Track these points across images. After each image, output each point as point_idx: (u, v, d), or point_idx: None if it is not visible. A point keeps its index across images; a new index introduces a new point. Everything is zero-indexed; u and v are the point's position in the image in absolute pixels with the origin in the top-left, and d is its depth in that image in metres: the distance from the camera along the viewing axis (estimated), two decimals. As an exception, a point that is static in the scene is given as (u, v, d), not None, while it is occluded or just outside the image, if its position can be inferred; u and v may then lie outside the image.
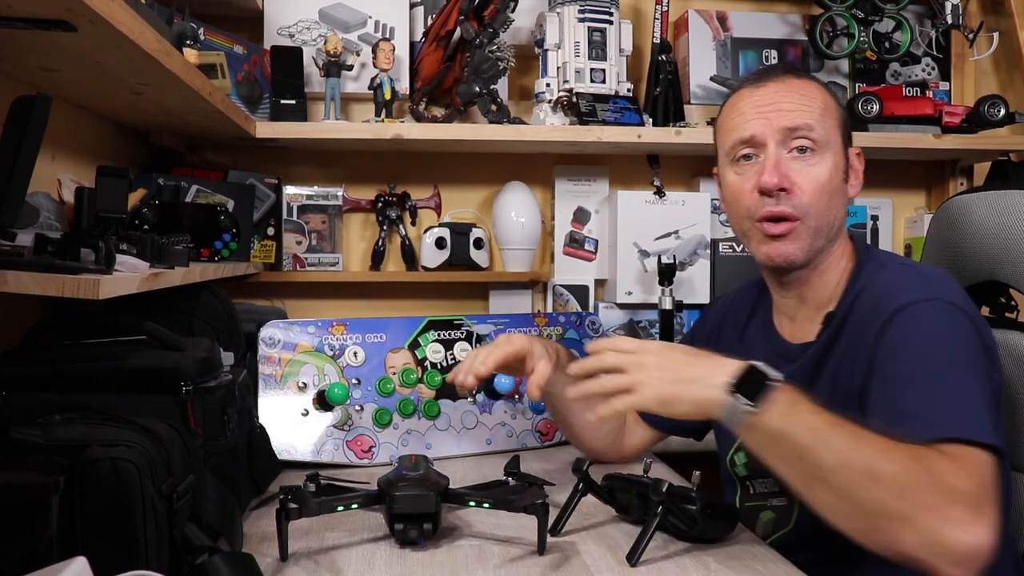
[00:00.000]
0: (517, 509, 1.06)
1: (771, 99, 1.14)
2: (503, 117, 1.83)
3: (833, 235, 1.15)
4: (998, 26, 2.09)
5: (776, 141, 1.12)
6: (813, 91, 1.15)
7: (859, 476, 0.87)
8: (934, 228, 1.38)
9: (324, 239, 1.95)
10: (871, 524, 0.88)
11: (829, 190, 1.12)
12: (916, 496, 0.85)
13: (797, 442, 0.91)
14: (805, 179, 1.11)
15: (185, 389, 1.01)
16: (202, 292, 1.39)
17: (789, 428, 0.92)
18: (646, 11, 2.07)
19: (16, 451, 0.80)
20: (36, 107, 0.87)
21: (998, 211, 1.25)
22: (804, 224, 1.12)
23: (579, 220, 2.04)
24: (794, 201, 1.11)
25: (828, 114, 1.14)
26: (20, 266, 0.85)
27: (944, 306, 1.02)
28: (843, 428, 0.90)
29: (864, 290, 1.10)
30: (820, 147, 1.12)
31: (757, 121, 1.14)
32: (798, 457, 0.92)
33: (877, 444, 0.88)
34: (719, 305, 1.40)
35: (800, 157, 1.12)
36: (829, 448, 0.89)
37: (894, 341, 1.01)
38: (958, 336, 1.00)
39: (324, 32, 1.89)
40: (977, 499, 0.85)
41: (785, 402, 0.93)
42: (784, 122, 1.12)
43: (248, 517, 1.18)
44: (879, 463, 0.87)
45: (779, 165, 1.11)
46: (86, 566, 0.70)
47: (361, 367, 1.50)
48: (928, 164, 2.17)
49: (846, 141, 1.17)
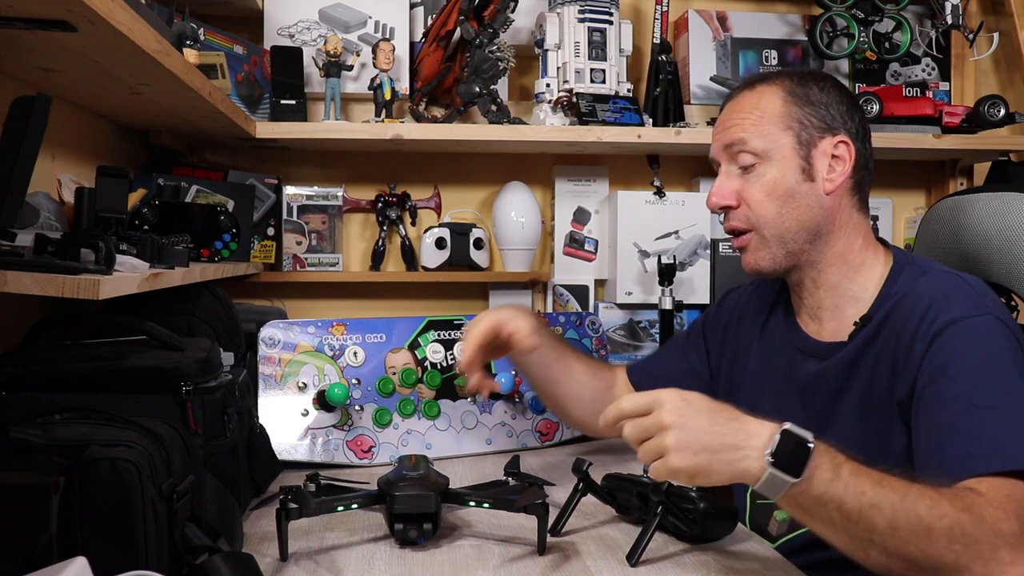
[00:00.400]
0: (517, 509, 1.06)
1: (725, 117, 1.19)
2: (503, 117, 1.83)
3: (809, 236, 1.14)
4: (998, 26, 2.09)
5: (726, 160, 1.18)
6: (757, 101, 1.16)
7: (912, 535, 0.85)
8: (925, 229, 1.38)
9: (324, 239, 1.95)
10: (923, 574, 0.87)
11: (779, 196, 1.13)
12: (966, 548, 0.85)
13: (845, 507, 0.87)
14: (749, 191, 1.15)
15: (185, 389, 1.01)
16: (202, 292, 1.39)
17: (836, 494, 0.87)
18: (646, 11, 2.07)
19: (16, 451, 0.80)
20: (36, 107, 0.87)
21: (992, 212, 1.25)
22: (759, 235, 1.15)
23: (579, 220, 2.04)
24: (740, 215, 1.16)
25: (766, 120, 1.14)
26: (20, 266, 0.85)
27: (995, 323, 1.01)
28: (889, 487, 0.87)
29: (905, 296, 1.08)
30: (761, 156, 1.14)
31: (714, 142, 1.21)
32: (847, 521, 0.87)
33: (925, 499, 0.87)
34: (734, 296, 1.39)
35: (747, 172, 1.15)
36: (879, 511, 0.86)
37: (944, 357, 1.00)
38: (1009, 356, 0.99)
39: (324, 32, 1.89)
40: (1019, 538, 0.86)
41: (827, 466, 0.88)
42: (724, 140, 1.18)
43: (248, 517, 1.18)
44: (930, 519, 0.85)
45: (722, 186, 1.17)
46: (86, 566, 0.70)
47: (361, 367, 1.50)
48: (928, 164, 2.17)
49: (806, 138, 1.13)
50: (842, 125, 1.14)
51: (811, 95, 1.15)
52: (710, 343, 1.37)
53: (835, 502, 0.87)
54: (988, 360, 0.98)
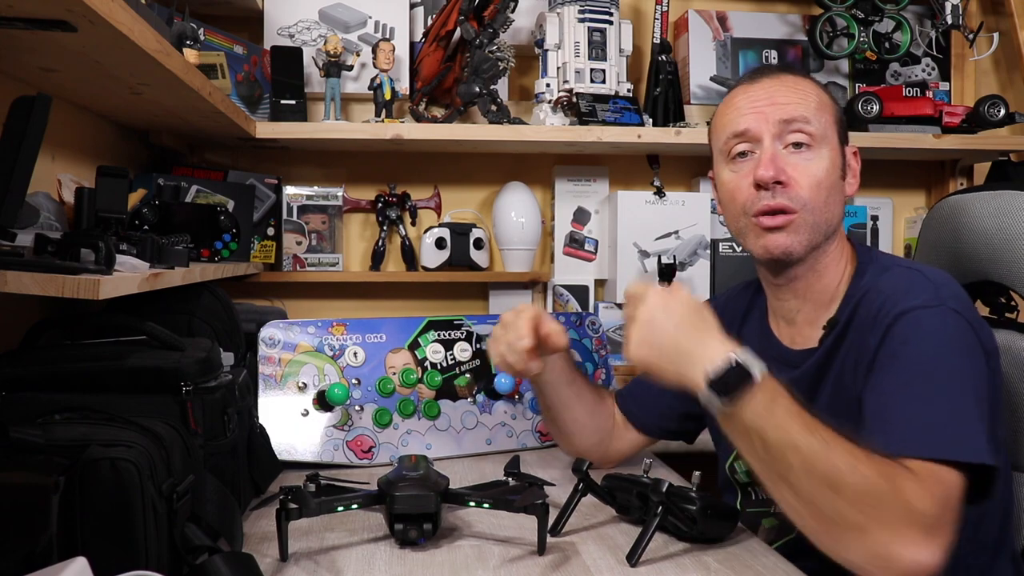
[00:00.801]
0: (517, 509, 1.06)
1: (766, 93, 1.13)
2: (503, 117, 1.83)
3: (831, 233, 1.14)
4: (998, 26, 2.09)
5: (772, 135, 1.11)
6: (808, 86, 1.15)
7: (822, 483, 0.88)
8: (927, 228, 1.38)
9: (324, 239, 1.95)
10: (825, 528, 0.89)
11: (827, 185, 1.11)
12: (874, 511, 0.86)
13: (767, 441, 0.91)
14: (802, 173, 1.10)
15: (185, 389, 1.01)
16: (202, 292, 1.39)
17: (762, 426, 0.92)
18: (646, 11, 2.07)
19: (16, 451, 0.80)
20: (36, 107, 0.87)
21: (992, 211, 1.25)
22: (802, 217, 1.10)
23: (579, 220, 2.04)
24: (791, 194, 1.10)
25: (824, 109, 1.13)
26: (20, 266, 0.85)
27: (948, 313, 1.01)
28: (815, 434, 0.90)
29: (867, 294, 1.09)
30: (817, 141, 1.11)
31: (752, 115, 1.13)
32: (767, 455, 0.92)
33: (847, 454, 0.88)
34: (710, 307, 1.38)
35: (796, 151, 1.11)
36: (797, 452, 0.89)
37: (895, 345, 1.01)
38: (960, 346, 0.99)
39: (324, 32, 1.89)
40: (935, 521, 0.86)
41: (763, 400, 0.92)
42: (779, 115, 1.11)
43: (248, 517, 1.18)
44: (844, 473, 0.87)
45: (776, 158, 1.10)
46: (86, 566, 0.70)
47: (361, 367, 1.50)
48: (928, 164, 2.17)
49: (843, 139, 1.16)
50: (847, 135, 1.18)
51: (836, 101, 1.17)
52: None
53: (759, 434, 0.91)
54: (937, 349, 0.98)
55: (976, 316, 1.04)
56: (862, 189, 2.15)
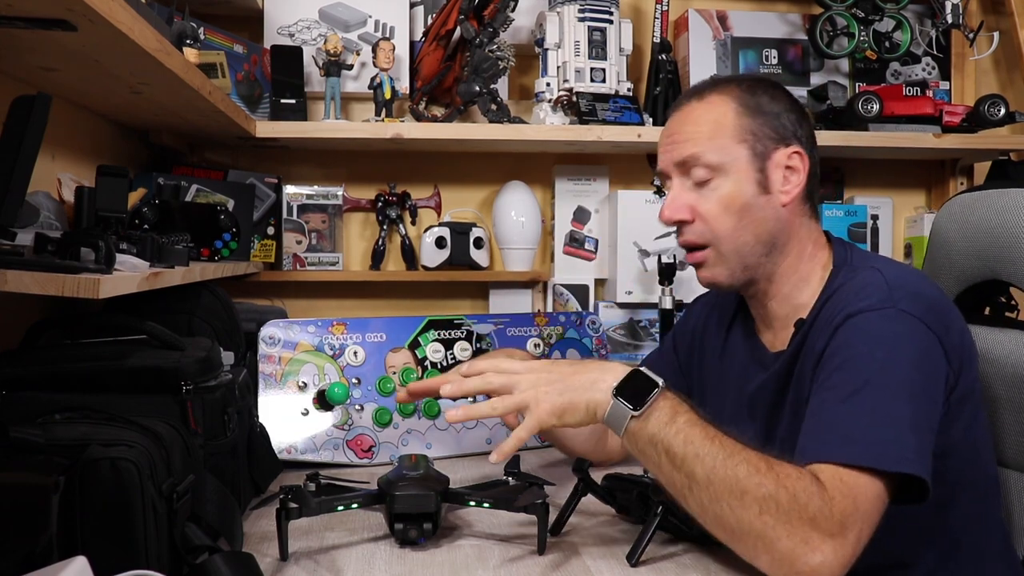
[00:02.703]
0: (517, 509, 1.06)
1: (670, 130, 1.16)
2: (503, 116, 1.83)
3: (766, 249, 1.12)
4: (998, 26, 2.09)
5: (677, 174, 1.14)
6: (707, 112, 1.12)
7: (724, 493, 0.89)
8: (937, 227, 1.37)
9: (324, 238, 1.95)
10: (731, 536, 0.91)
11: (736, 210, 1.10)
12: (772, 518, 0.87)
13: (671, 451, 0.93)
14: (705, 206, 1.11)
15: (185, 389, 1.01)
16: (202, 292, 1.39)
17: (665, 436, 0.93)
18: (646, 10, 2.06)
19: (16, 451, 0.80)
20: (36, 107, 0.87)
21: (1000, 210, 1.24)
22: (716, 250, 1.12)
23: (579, 219, 2.04)
24: (696, 230, 1.13)
25: (721, 133, 1.10)
26: (20, 266, 0.85)
27: (896, 315, 0.99)
28: (717, 443, 0.91)
29: (832, 296, 1.08)
30: (716, 170, 1.10)
31: (662, 154, 1.16)
32: (671, 466, 0.93)
33: (749, 463, 0.89)
34: (700, 305, 1.38)
35: (701, 186, 1.12)
36: (700, 461, 0.91)
37: (835, 347, 1.00)
38: (903, 348, 0.97)
39: (324, 31, 1.89)
40: (837, 528, 0.86)
41: (666, 410, 0.95)
42: (676, 155, 1.13)
43: (248, 517, 1.18)
44: (745, 482, 0.88)
45: (676, 199, 1.13)
46: (86, 566, 0.70)
47: (361, 367, 1.50)
48: (928, 164, 2.17)
49: (760, 149, 1.11)
50: (793, 134, 1.12)
51: (762, 105, 1.12)
52: (680, 354, 1.36)
53: (664, 444, 0.93)
54: (874, 353, 0.97)
55: (937, 314, 1.02)
56: (862, 188, 2.16)
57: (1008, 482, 1.22)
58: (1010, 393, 1.20)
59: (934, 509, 0.96)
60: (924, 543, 1.06)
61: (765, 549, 0.88)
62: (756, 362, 1.18)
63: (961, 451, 1.05)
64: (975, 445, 1.08)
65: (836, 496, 0.87)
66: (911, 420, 0.93)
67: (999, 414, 1.21)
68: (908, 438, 0.92)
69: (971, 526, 1.08)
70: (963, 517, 1.07)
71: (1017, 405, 1.20)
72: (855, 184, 2.14)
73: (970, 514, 1.08)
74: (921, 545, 1.06)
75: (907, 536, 1.04)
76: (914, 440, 0.92)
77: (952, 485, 1.02)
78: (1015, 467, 1.22)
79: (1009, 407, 1.20)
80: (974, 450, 1.08)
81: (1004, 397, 1.21)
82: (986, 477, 1.11)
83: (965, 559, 1.08)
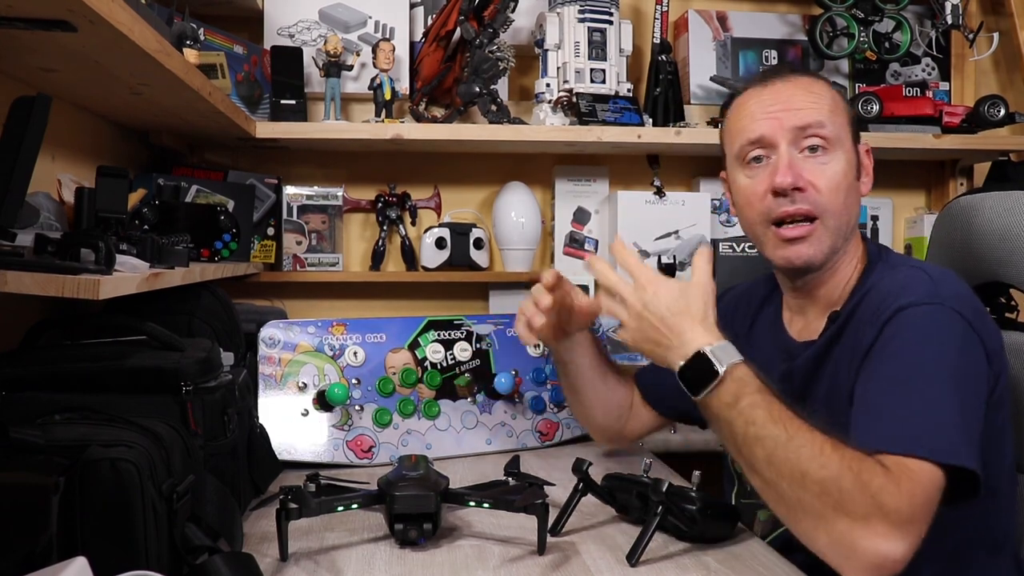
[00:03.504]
0: (517, 509, 1.06)
1: (779, 98, 1.13)
2: (503, 117, 1.83)
3: (849, 234, 1.14)
4: (998, 26, 2.09)
5: (787, 141, 1.11)
6: (821, 88, 1.14)
7: (785, 474, 0.90)
8: (938, 228, 1.37)
9: (324, 239, 1.95)
10: (791, 515, 0.92)
11: (844, 187, 1.11)
12: (835, 501, 0.87)
13: (734, 431, 0.95)
14: (820, 177, 1.10)
15: (185, 389, 1.01)
16: (202, 292, 1.39)
17: (728, 417, 0.96)
18: (646, 11, 2.06)
19: (16, 451, 0.80)
20: (36, 107, 0.87)
21: (1002, 211, 1.24)
22: (823, 224, 1.10)
23: (579, 220, 2.04)
24: (810, 199, 1.09)
25: (838, 111, 1.13)
26: (20, 266, 0.85)
27: (945, 311, 1.00)
28: (780, 425, 0.92)
29: (871, 290, 1.09)
30: (832, 144, 1.11)
31: (766, 121, 1.12)
32: (735, 444, 0.96)
33: (812, 446, 0.90)
34: (728, 298, 1.38)
35: (813, 156, 1.11)
36: (761, 443, 0.92)
37: (886, 339, 1.01)
38: (953, 344, 0.99)
39: (324, 32, 1.89)
40: (904, 516, 0.86)
41: (730, 393, 0.96)
42: (794, 120, 1.11)
43: (248, 517, 1.18)
44: (808, 465, 0.89)
45: (792, 164, 1.10)
46: (86, 566, 0.70)
47: (361, 367, 1.50)
48: (928, 164, 2.17)
49: (856, 138, 1.16)
50: None
51: (847, 100, 1.17)
52: None
53: (727, 424, 0.96)
54: (926, 346, 0.98)
55: (980, 316, 1.04)
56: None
57: (1012, 484, 1.22)
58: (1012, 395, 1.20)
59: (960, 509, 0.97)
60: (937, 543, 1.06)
61: (823, 530, 0.88)
62: (782, 351, 1.19)
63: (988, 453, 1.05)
64: (1001, 448, 1.09)
65: (904, 483, 0.87)
66: (962, 416, 0.94)
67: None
68: (962, 433, 0.92)
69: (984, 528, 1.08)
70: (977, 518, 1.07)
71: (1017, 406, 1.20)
72: (855, 185, 2.14)
73: (990, 515, 1.08)
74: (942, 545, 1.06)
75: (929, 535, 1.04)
76: (966, 435, 0.93)
77: None
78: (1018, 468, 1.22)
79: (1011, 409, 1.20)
80: (999, 453, 1.08)
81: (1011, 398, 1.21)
82: (1008, 480, 1.11)
83: (977, 560, 1.08)
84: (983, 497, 1.05)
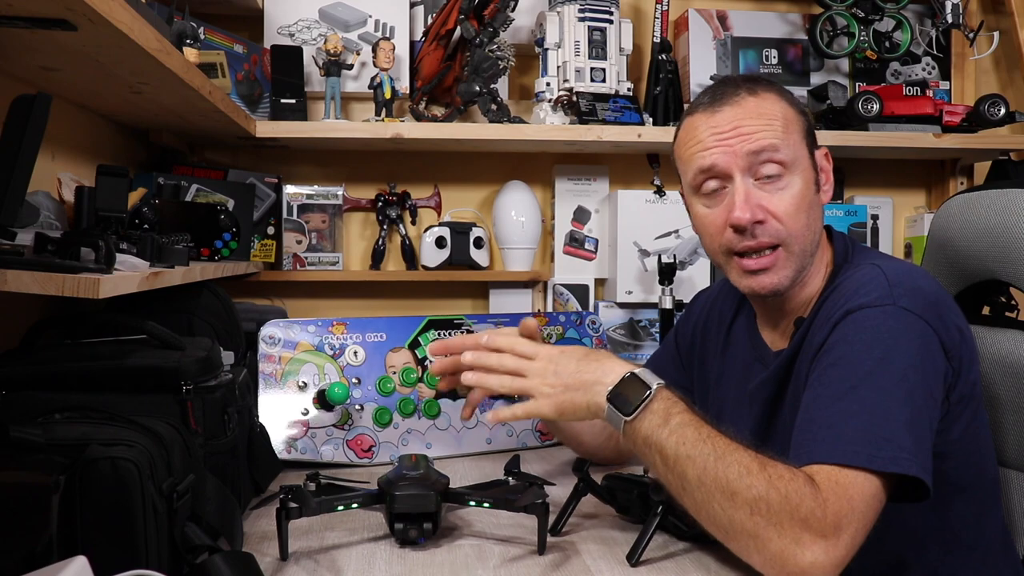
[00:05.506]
0: (517, 509, 1.06)
1: (730, 123, 1.07)
2: (503, 116, 1.83)
3: (815, 248, 1.10)
4: (998, 25, 2.09)
5: (742, 169, 1.06)
6: (772, 106, 1.08)
7: (716, 493, 0.90)
8: (936, 227, 1.37)
9: (324, 238, 1.95)
10: (725, 535, 0.91)
11: (805, 207, 1.07)
12: (766, 519, 0.87)
13: (664, 452, 0.94)
14: (779, 205, 1.05)
15: (185, 388, 1.01)
16: (202, 291, 1.39)
17: (658, 439, 0.94)
18: (646, 10, 2.06)
19: (16, 450, 0.80)
20: (36, 106, 0.87)
21: (999, 210, 1.23)
22: (786, 250, 1.07)
23: (579, 219, 2.04)
24: (771, 231, 1.06)
25: (791, 128, 1.08)
26: (20, 265, 0.85)
27: (895, 311, 0.97)
28: (709, 444, 0.92)
29: (832, 293, 1.06)
30: (789, 167, 1.06)
31: (718, 150, 1.07)
32: (665, 466, 0.94)
33: (740, 464, 0.90)
34: (700, 302, 1.36)
35: (770, 182, 1.06)
36: (691, 462, 0.92)
37: (831, 344, 0.99)
38: (902, 345, 0.96)
39: (324, 31, 1.89)
40: (831, 527, 0.86)
41: (660, 413, 0.95)
42: (748, 146, 1.05)
43: (248, 517, 1.18)
44: (736, 484, 0.89)
45: (749, 197, 1.05)
46: (86, 566, 0.70)
47: (361, 366, 1.50)
48: (928, 163, 2.17)
49: (812, 147, 1.11)
50: None
51: (801, 105, 1.13)
52: (682, 351, 1.35)
53: (658, 446, 0.95)
54: (872, 349, 0.96)
55: (939, 312, 1.00)
56: (862, 188, 2.17)
57: (1008, 482, 1.22)
58: (1010, 393, 1.20)
59: (934, 509, 0.96)
60: (924, 543, 1.06)
61: (757, 549, 0.88)
62: (758, 360, 1.17)
63: (961, 451, 1.04)
64: (976, 445, 1.07)
65: (830, 497, 0.87)
66: (908, 419, 0.92)
67: (999, 414, 1.21)
68: (904, 437, 0.91)
69: (971, 526, 1.08)
70: (963, 517, 1.07)
71: (1017, 405, 1.20)
72: (855, 184, 2.14)
73: (970, 514, 1.07)
74: (921, 545, 1.06)
75: (907, 536, 1.04)
76: (911, 439, 0.91)
77: (952, 485, 1.02)
78: (1015, 467, 1.22)
79: (1009, 407, 1.20)
80: (975, 450, 1.07)
81: (1004, 397, 1.21)
82: (987, 477, 1.10)
83: (965, 559, 1.08)
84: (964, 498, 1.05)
